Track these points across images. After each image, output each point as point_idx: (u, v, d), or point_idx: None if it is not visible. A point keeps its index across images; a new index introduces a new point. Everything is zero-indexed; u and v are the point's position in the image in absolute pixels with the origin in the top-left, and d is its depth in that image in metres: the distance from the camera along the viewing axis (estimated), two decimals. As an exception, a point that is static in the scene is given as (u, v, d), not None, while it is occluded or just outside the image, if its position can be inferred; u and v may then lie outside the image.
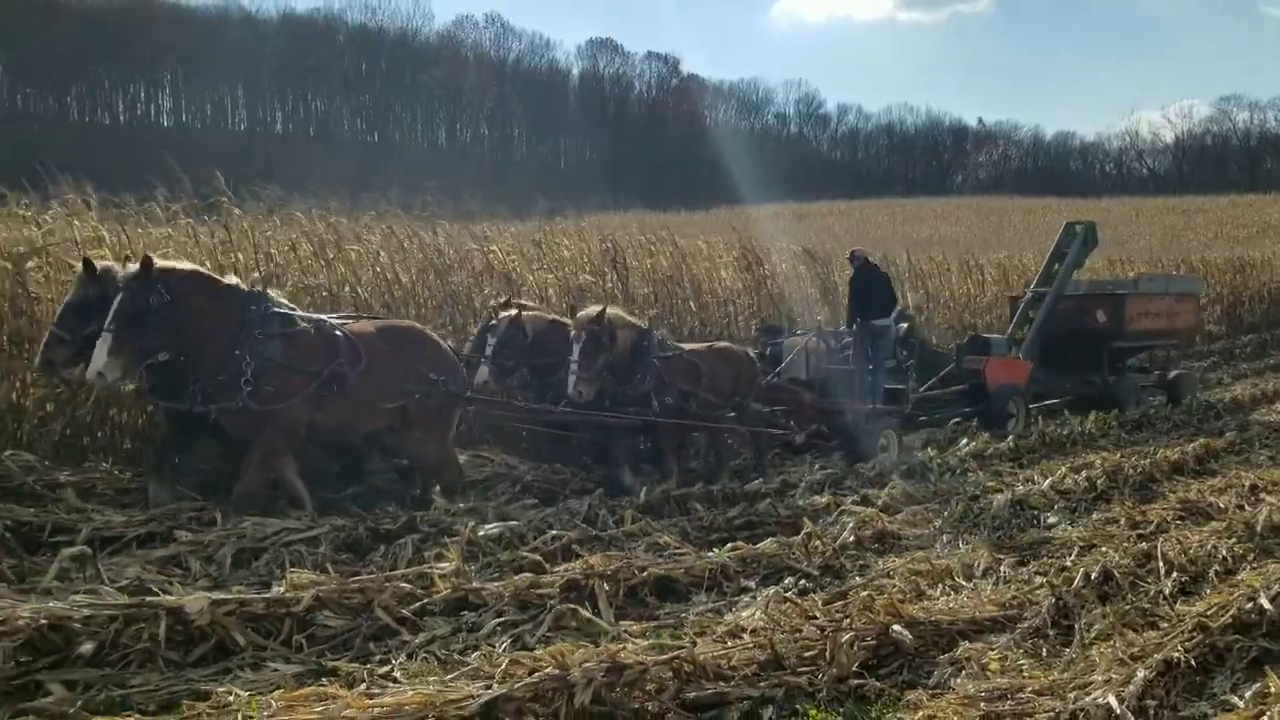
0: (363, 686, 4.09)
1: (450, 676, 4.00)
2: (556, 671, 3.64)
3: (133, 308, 6.33)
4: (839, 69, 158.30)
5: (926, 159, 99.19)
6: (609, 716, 3.70)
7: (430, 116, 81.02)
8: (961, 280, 19.53)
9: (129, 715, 3.61)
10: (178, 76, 69.90)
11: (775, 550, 6.52)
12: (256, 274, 8.90)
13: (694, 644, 4.43)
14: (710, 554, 6.40)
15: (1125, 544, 6.66)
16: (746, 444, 10.17)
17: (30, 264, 8.35)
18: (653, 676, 3.91)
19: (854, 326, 11.10)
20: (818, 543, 6.75)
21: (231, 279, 7.28)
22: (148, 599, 4.58)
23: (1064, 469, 9.22)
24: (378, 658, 4.61)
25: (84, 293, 6.75)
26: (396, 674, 4.34)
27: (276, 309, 7.05)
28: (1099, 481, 8.69)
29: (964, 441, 10.75)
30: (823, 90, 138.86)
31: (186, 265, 7.07)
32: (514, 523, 6.88)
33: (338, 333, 7.21)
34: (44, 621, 4.18)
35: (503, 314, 9.27)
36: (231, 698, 3.91)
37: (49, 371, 7.10)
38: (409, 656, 4.62)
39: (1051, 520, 7.69)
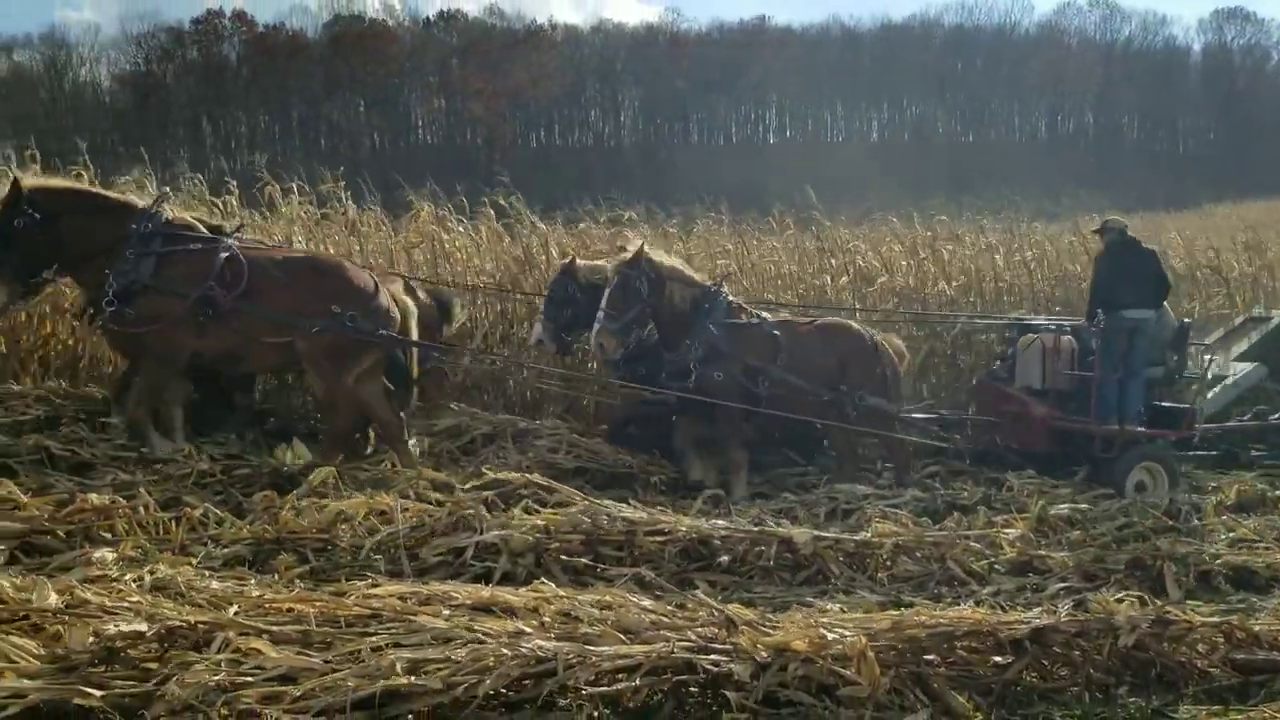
0: (933, 618, 4.85)
1: (1011, 617, 4.61)
2: (1103, 614, 4.11)
3: (2, 230, 6.42)
4: None
5: None
6: (1152, 664, 4.08)
7: (1028, 110, 78.59)
8: None
9: (757, 608, 4.73)
10: (782, 96, 75.68)
11: (1387, 554, 6.12)
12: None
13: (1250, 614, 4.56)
14: (1301, 552, 6.20)
15: None
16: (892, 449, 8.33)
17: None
18: (1201, 636, 4.19)
19: (1095, 320, 8.38)
20: None
21: (129, 197, 7.15)
22: (766, 529, 5.83)
23: None
24: (948, 600, 5.34)
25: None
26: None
27: (168, 228, 6.77)
28: None
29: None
30: None
31: (62, 182, 7.09)
32: (1085, 506, 7.21)
33: (222, 254, 6.75)
34: (694, 536, 5.59)
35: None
36: (829, 609, 4.92)
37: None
38: (975, 603, 5.27)
39: None
